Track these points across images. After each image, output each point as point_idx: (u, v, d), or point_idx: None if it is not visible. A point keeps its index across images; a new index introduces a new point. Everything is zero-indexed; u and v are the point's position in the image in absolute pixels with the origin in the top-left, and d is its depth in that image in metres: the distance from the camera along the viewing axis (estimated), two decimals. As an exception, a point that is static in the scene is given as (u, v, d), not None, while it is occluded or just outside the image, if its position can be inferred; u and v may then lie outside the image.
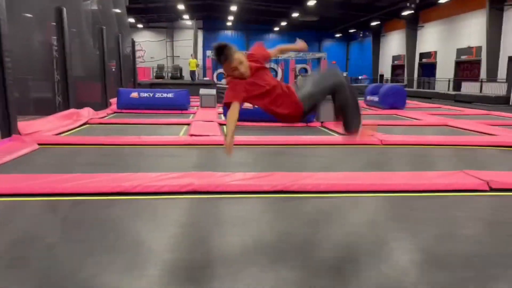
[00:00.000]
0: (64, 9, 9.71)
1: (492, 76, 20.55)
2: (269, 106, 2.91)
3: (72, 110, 9.64)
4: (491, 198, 4.14)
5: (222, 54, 2.81)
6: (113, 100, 13.03)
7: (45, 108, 10.36)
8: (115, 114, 11.88)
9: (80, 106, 10.37)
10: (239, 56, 2.84)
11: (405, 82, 28.53)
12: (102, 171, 4.76)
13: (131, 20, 29.78)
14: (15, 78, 7.07)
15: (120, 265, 2.57)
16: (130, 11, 21.28)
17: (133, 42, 18.63)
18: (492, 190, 4.29)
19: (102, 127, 9.05)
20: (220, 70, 31.77)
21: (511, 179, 4.52)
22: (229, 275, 2.46)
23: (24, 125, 7.18)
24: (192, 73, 24.74)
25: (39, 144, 6.43)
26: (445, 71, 25.77)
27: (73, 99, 10.19)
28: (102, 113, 11.32)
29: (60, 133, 7.77)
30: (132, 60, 18.41)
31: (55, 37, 10.29)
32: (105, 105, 12.65)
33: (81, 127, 8.90)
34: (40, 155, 5.95)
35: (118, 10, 16.33)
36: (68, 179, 4.22)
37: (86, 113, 10.12)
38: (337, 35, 40.80)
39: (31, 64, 10.87)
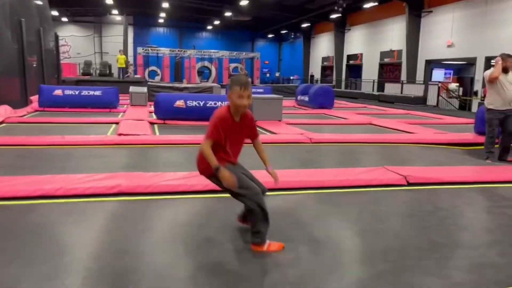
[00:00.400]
0: (-24, -2, 8.92)
1: (411, 78, 22.06)
2: (220, 156, 2.86)
3: (-14, 108, 8.88)
4: (408, 192, 4.45)
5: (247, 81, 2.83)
6: (34, 98, 12.19)
7: (-46, 106, 9.46)
8: (37, 112, 11.13)
9: (-5, 104, 9.59)
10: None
11: (334, 83, 29.74)
12: (20, 174, 4.44)
13: (55, 13, 28.06)
14: None
15: (40, 275, 2.41)
16: (52, 3, 19.99)
17: (56, 36, 17.55)
18: (409, 184, 4.61)
19: (21, 127, 8.44)
20: (152, 68, 31.03)
21: (426, 174, 4.90)
22: (158, 279, 2.42)
23: None
24: (121, 70, 23.84)
25: None
26: (370, 72, 27.23)
27: (-12, 96, 9.39)
28: (21, 111, 10.56)
29: (-28, 133, 7.13)
30: (55, 55, 17.34)
31: (-35, 29, 9.42)
32: (25, 102, 11.81)
33: (-3, 127, 8.24)
34: None
35: (39, 2, 15.29)
36: (-20, 184, 3.89)
37: (3, 111, 9.39)
38: (270, 36, 41.52)
39: None
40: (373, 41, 27.04)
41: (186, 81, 22.93)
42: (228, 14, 30.05)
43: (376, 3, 23.64)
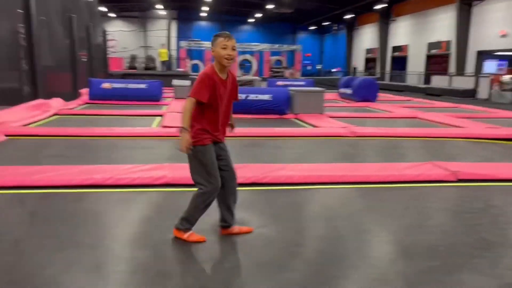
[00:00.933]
0: (32, -4, 9.38)
1: (460, 70, 21.13)
2: (214, 121, 2.80)
3: (40, 101, 9.35)
4: (458, 188, 4.28)
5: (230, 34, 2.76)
6: (84, 91, 12.72)
7: (11, 98, 10.01)
8: (86, 105, 11.61)
9: (49, 96, 10.08)
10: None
11: (378, 75, 29.00)
12: (72, 164, 4.65)
13: (103, 9, 29.02)
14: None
15: (89, 261, 2.52)
16: (101, 0, 20.71)
17: (104, 32, 18.19)
18: (459, 180, 4.43)
19: (72, 118, 8.84)
20: (195, 61, 31.47)
21: (477, 170, 4.68)
22: (201, 272, 2.47)
23: (-11, 116, 6.93)
24: (163, 63, 24.30)
25: (6, 136, 6.23)
26: (416, 64, 26.32)
27: (42, 89, 9.89)
28: (72, 103, 11.05)
29: (28, 124, 7.54)
30: (103, 50, 17.98)
31: (22, 25, 9.93)
32: (75, 95, 12.34)
33: (50, 118, 8.66)
34: (8, 146, 5.77)
35: (88, -2, 15.88)
36: (36, 171, 4.11)
37: (56, 103, 9.85)
38: (312, 28, 41.00)
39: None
40: (419, 32, 26.10)
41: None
42: (269, 6, 29.93)
43: (423, -8, 22.76)
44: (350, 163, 5.20)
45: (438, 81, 21.58)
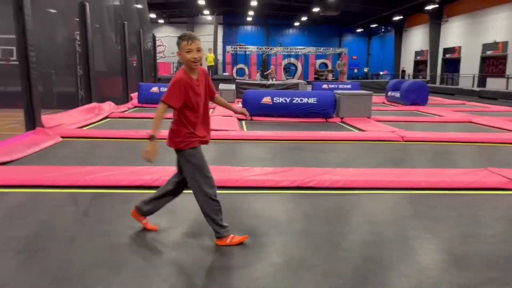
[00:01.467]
0: (87, 5, 9.85)
1: (519, 72, 19.98)
2: (193, 123, 2.78)
3: (94, 104, 9.79)
4: (515, 197, 4.03)
5: (193, 34, 2.76)
6: (134, 95, 13.19)
7: (67, 102, 10.56)
8: (136, 108, 12.02)
9: (101, 100, 10.53)
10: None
11: (428, 78, 27.99)
12: (122, 164, 4.82)
13: (153, 15, 30.03)
14: (39, 73, 7.22)
15: (139, 262, 2.59)
16: (151, 7, 21.44)
17: (154, 37, 18.78)
18: (517, 189, 4.17)
19: (123, 121, 9.17)
20: (240, 66, 31.81)
21: (537, 178, 4.38)
22: (245, 273, 2.46)
23: (47, 118, 7.33)
24: (210, 68, 24.70)
25: (62, 137, 6.56)
26: (469, 66, 25.16)
27: (95, 93, 10.35)
28: (123, 107, 11.48)
29: (82, 127, 7.92)
30: (153, 55, 18.57)
31: (78, 32, 10.45)
32: (126, 99, 12.82)
33: (103, 121, 9.04)
34: (63, 147, 6.07)
35: (139, 6, 16.47)
36: (89, 172, 4.29)
37: (108, 107, 10.27)
38: (358, 30, 40.27)
39: (54, 59, 11.07)
40: (473, 33, 24.94)
41: (273, 72, 22.87)
42: (315, 9, 29.72)
43: (478, -9, 21.74)
44: (399, 168, 5.03)
45: (494, 84, 20.51)
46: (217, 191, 2.86)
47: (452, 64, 27.76)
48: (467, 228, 3.22)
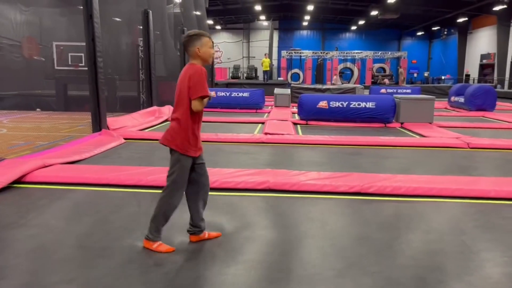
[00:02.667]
0: (150, 12, 10.27)
1: None
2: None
3: (154, 108, 10.18)
4: None
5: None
6: (192, 99, 13.54)
7: (130, 106, 11.07)
8: (194, 112, 12.31)
9: (161, 104, 10.93)
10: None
11: (495, 83, 26.36)
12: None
13: (210, 21, 30.79)
14: (105, 78, 7.62)
15: (208, 259, 2.64)
16: (209, 13, 21.99)
17: (212, 43, 19.24)
18: None
19: (181, 124, 9.43)
20: (295, 70, 31.73)
21: None
22: (305, 277, 2.42)
23: (112, 120, 7.72)
24: (265, 73, 24.81)
25: (125, 139, 6.87)
26: (542, 70, 23.40)
27: (156, 97, 10.75)
28: (181, 111, 11.80)
29: (143, 129, 8.25)
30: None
31: (141, 39, 10.94)
32: (184, 103, 13.19)
33: (162, 124, 9.36)
34: (126, 148, 6.35)
35: (198, 13, 16.96)
36: (151, 172, 4.44)
37: (167, 110, 10.62)
38: (419, 33, 38.76)
39: (119, 65, 11.68)
40: (547, 34, 23.17)
41: (335, 78, 22.48)
42: (374, 13, 29.03)
43: (553, -11, 20.18)
44: (465, 176, 4.76)
45: None
46: (276, 194, 2.83)
47: (522, 67, 25.94)
48: (545, 243, 2.97)
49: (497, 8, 24.01)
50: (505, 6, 22.99)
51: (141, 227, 3.17)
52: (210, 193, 3.96)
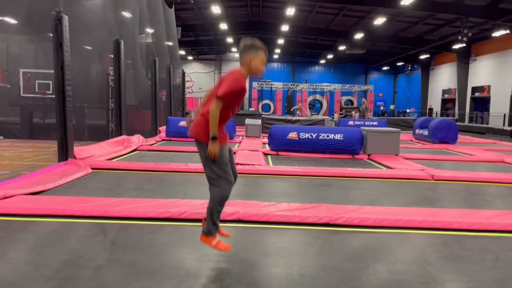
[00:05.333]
0: (122, 42, 10.29)
1: (552, 112, 19.45)
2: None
3: (123, 137, 10.04)
4: (556, 241, 3.83)
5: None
6: (162, 128, 13.47)
7: (98, 134, 10.89)
8: (164, 141, 12.24)
9: (131, 133, 10.81)
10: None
11: (456, 116, 27.57)
12: (150, 196, 4.88)
13: (182, 52, 31.07)
14: (74, 106, 7.51)
15: (165, 290, 2.57)
16: (181, 44, 22.20)
17: (183, 73, 19.34)
18: (557, 232, 3.97)
19: (151, 154, 9.34)
20: (266, 101, 32.20)
21: None
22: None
23: (79, 150, 7.55)
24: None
25: (92, 168, 6.71)
26: (499, 105, 24.70)
27: (125, 126, 10.63)
28: (151, 140, 11.71)
29: (112, 159, 8.09)
30: (181, 90, 19.07)
31: (111, 68, 10.89)
32: (154, 132, 13.10)
33: (132, 153, 9.23)
34: (93, 178, 6.20)
35: (170, 43, 17.10)
36: (118, 203, 4.35)
37: (137, 139, 10.51)
38: (384, 68, 40.41)
39: (88, 93, 11.54)
40: (503, 72, 24.63)
41: (300, 107, 22.96)
42: (341, 47, 30.12)
43: (507, 31, 21.60)
44: (429, 207, 4.89)
45: (526, 123, 19.97)
46: (245, 225, 2.85)
47: (481, 102, 27.33)
48: (506, 272, 3.06)
49: (456, 46, 25.41)
50: (464, 45, 24.37)
51: (105, 256, 3.08)
52: (179, 223, 3.92)
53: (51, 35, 6.92)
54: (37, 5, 9.16)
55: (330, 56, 35.65)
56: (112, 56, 10.51)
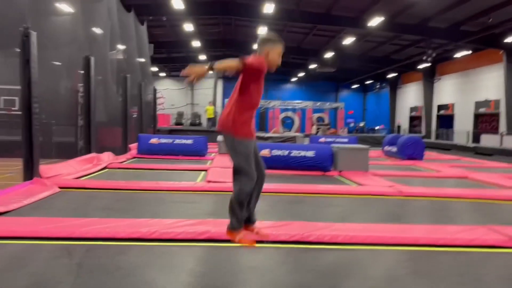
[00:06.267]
0: (92, 58, 10.16)
1: (512, 129, 20.35)
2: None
3: (92, 155, 9.83)
4: (517, 255, 3.98)
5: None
6: (133, 145, 13.26)
7: (66, 152, 10.61)
8: (135, 159, 12.05)
9: (101, 150, 10.58)
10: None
11: (423, 133, 28.42)
12: (119, 216, 4.78)
13: (154, 69, 30.91)
14: (41, 123, 7.31)
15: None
16: (154, 61, 22.11)
17: (154, 90, 19.22)
18: (518, 246, 4.12)
19: (121, 172, 9.16)
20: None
21: (538, 235, 4.34)
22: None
23: (45, 168, 7.33)
24: (210, 120, 25.05)
25: (59, 188, 6.53)
26: (463, 123, 25.66)
27: (95, 143, 10.42)
28: (122, 157, 11.50)
29: (80, 177, 7.89)
30: (153, 106, 18.91)
31: (81, 84, 10.70)
32: (125, 149, 12.89)
33: (101, 171, 9.03)
34: (60, 198, 6.03)
35: (142, 60, 17.00)
36: (85, 224, 4.24)
37: (106, 157, 10.30)
38: (354, 86, 41.41)
39: (56, 109, 11.26)
40: (466, 91, 25.69)
41: (275, 131, 23.28)
42: (312, 66, 30.72)
43: (469, 52, 22.62)
44: (398, 224, 4.99)
45: (488, 140, 20.80)
46: (217, 244, 2.85)
47: (446, 120, 28.33)
48: (471, 287, 3.15)
49: (422, 66, 26.39)
50: (429, 64, 25.32)
51: (71, 280, 2.99)
52: (149, 243, 3.86)
53: (18, 50, 6.77)
54: (3, 21, 8.96)
55: (301, 74, 36.26)
56: (82, 72, 10.35)
